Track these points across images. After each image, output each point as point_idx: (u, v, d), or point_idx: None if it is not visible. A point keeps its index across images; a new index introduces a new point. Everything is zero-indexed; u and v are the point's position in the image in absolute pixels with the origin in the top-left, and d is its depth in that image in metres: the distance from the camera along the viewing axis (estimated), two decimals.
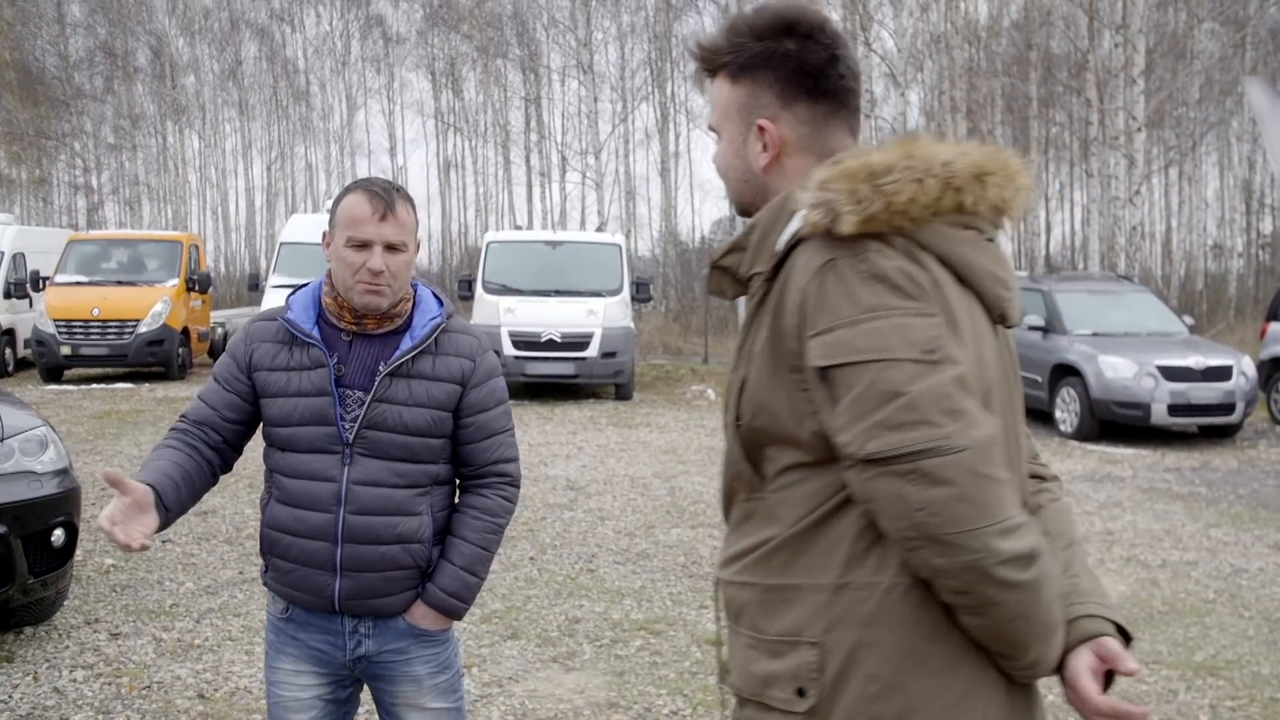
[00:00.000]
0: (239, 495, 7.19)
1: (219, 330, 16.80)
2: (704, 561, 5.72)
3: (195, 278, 15.43)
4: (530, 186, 30.23)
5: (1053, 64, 24.95)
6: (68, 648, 4.29)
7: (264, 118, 34.00)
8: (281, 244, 14.61)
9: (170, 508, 1.92)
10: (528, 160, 30.17)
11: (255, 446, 2.19)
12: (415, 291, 2.10)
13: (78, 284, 14.70)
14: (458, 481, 2.17)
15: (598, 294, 13.16)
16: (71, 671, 4.04)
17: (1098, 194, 19.79)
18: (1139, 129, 17.41)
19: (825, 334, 1.19)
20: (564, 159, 29.31)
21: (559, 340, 12.58)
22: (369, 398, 2.00)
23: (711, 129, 1.42)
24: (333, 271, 2.05)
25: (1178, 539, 6.47)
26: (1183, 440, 10.53)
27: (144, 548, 1.81)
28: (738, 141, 1.38)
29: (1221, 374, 10.09)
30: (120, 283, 14.85)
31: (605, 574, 5.54)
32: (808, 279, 1.21)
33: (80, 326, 14.03)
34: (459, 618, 2.12)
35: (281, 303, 2.12)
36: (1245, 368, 10.27)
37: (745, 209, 1.42)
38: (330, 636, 2.08)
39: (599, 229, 18.42)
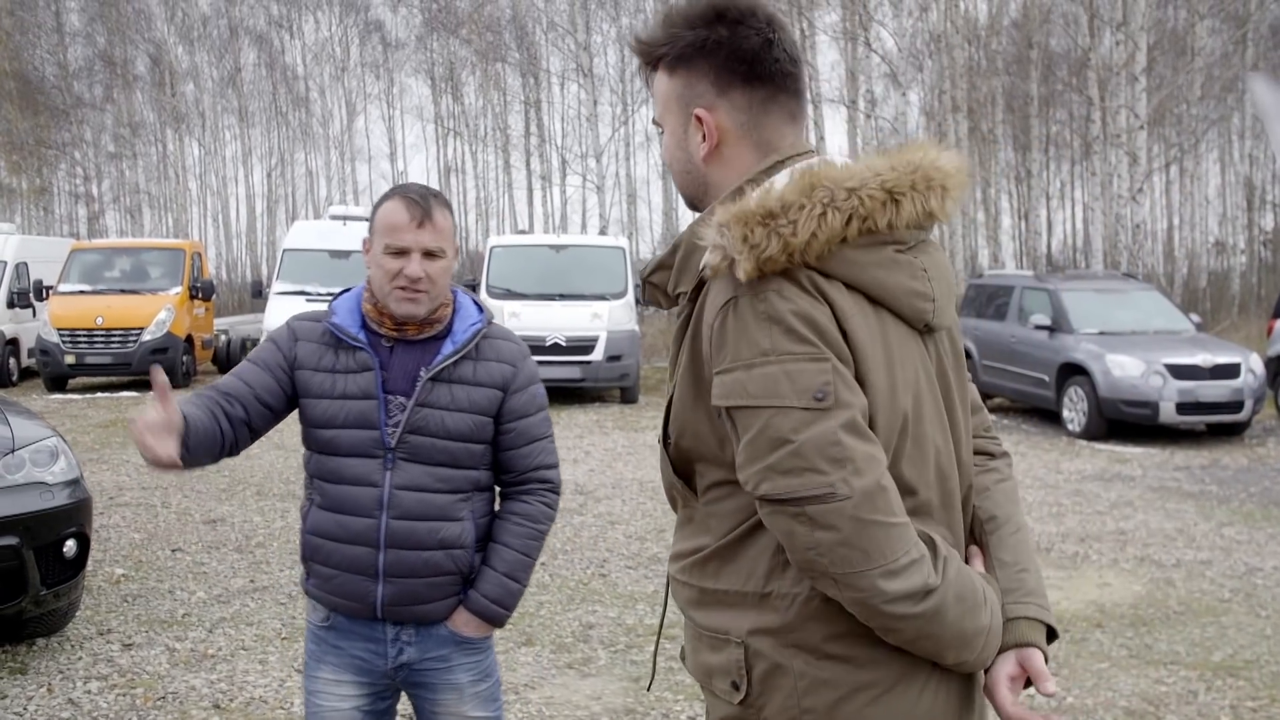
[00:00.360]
0: (247, 503, 7.18)
1: (222, 338, 16.81)
2: None
3: (198, 285, 15.43)
4: (530, 190, 30.25)
5: (1053, 62, 24.97)
6: (81, 659, 4.28)
7: (264, 124, 34.05)
8: (285, 250, 14.60)
9: (190, 449, 1.85)
10: (528, 164, 30.20)
11: (260, 455, 2.18)
12: (455, 298, 2.11)
13: (81, 293, 14.70)
14: (497, 489, 2.17)
15: (602, 297, 13.15)
16: (85, 683, 4.03)
17: (1099, 192, 19.78)
18: (1141, 126, 17.40)
19: (724, 374, 1.23)
20: (564, 162, 29.32)
21: (564, 344, 12.58)
22: (411, 402, 2.00)
23: (655, 123, 1.43)
24: (371, 278, 2.05)
25: (1191, 538, 6.45)
26: (1191, 438, 10.51)
27: (172, 464, 1.77)
28: (679, 133, 1.38)
29: (1230, 371, 10.07)
30: (123, 291, 14.85)
31: (617, 579, 5.52)
32: (714, 315, 1.24)
33: (84, 335, 14.03)
34: (501, 625, 2.12)
35: (286, 310, 2.13)
36: (1253, 365, 10.24)
37: (691, 201, 1.42)
38: (372, 644, 2.07)
39: (601, 232, 18.43)
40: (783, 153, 1.35)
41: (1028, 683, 1.34)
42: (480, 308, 2.13)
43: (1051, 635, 1.36)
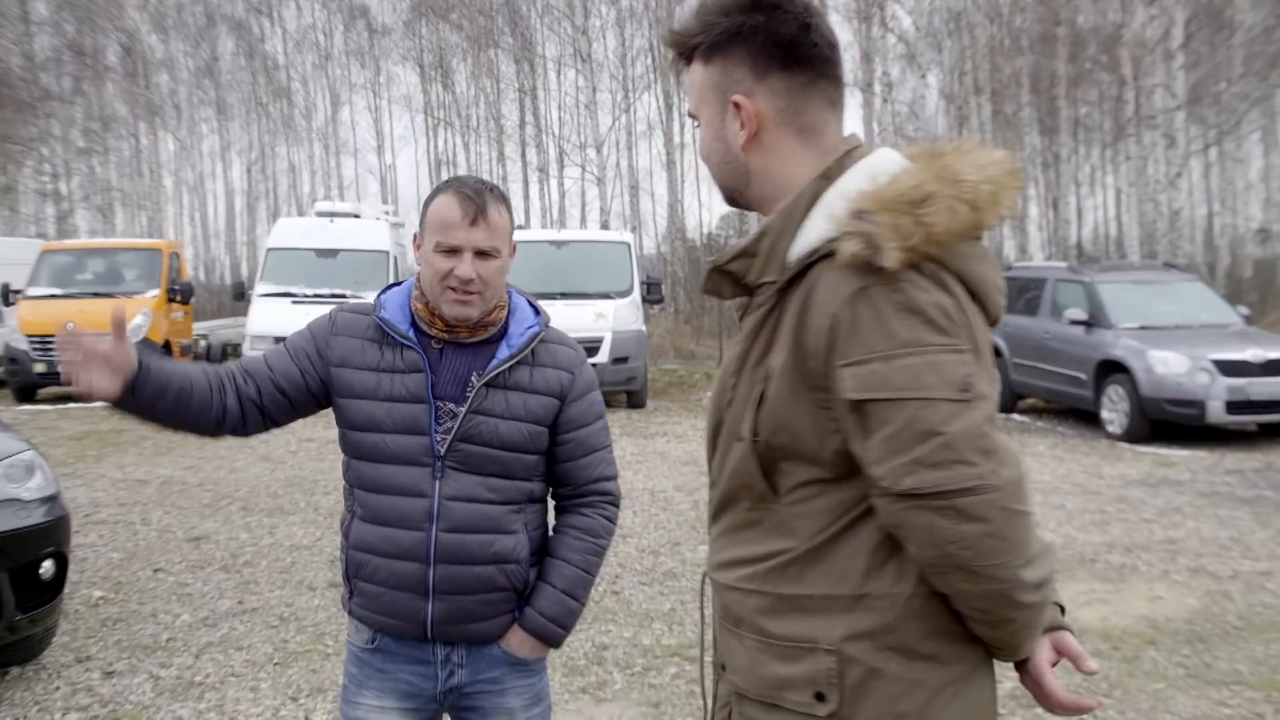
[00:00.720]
0: (232, 519, 7.14)
1: (202, 343, 16.81)
2: None
3: (177, 288, 15.42)
4: (527, 183, 30.26)
5: (1082, 40, 24.90)
6: (59, 688, 4.23)
7: (243, 116, 34.11)
8: (269, 250, 14.59)
9: (138, 393, 1.86)
10: (524, 155, 30.19)
11: (245, 468, 2.14)
12: (510, 298, 2.09)
13: (52, 297, 14.69)
14: (552, 501, 2.16)
15: (606, 296, 13.12)
16: (64, 715, 3.98)
17: (1134, 178, 19.73)
18: (1178, 107, 17.35)
19: (858, 365, 1.26)
20: (563, 153, 29.33)
21: None
22: (464, 409, 1.98)
23: (691, 115, 1.47)
24: (421, 276, 2.03)
25: (1247, 547, 6.39)
26: (1241, 439, 10.44)
27: (105, 397, 1.80)
28: (716, 123, 1.43)
29: None
30: (97, 295, 14.82)
31: (631, 596, 5.47)
32: (838, 304, 1.27)
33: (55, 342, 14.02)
34: (558, 645, 2.10)
35: (270, 312, 2.10)
36: None
37: (730, 195, 1.47)
38: (421, 667, 2.05)
39: (602, 226, 18.41)
40: (848, 142, 1.39)
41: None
42: (536, 309, 2.11)
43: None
